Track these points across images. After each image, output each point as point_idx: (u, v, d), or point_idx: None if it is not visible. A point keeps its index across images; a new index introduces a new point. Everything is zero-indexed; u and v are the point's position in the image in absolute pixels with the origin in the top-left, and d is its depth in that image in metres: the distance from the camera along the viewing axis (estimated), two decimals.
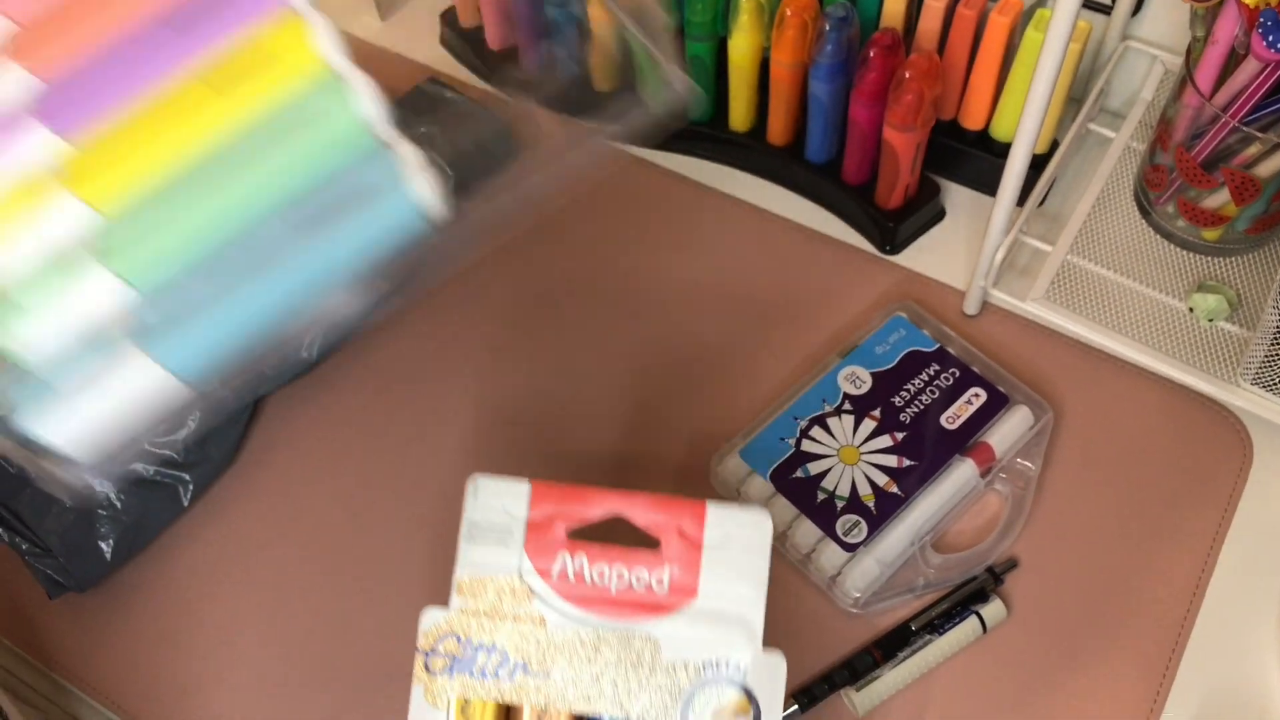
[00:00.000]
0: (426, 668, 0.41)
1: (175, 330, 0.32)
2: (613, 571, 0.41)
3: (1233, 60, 0.55)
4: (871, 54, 0.59)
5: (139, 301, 0.32)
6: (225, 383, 0.33)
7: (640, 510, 0.41)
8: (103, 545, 0.55)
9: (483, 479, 0.42)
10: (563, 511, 0.41)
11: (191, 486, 0.58)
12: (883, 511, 0.54)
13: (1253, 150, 0.55)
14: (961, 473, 0.55)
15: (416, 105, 0.68)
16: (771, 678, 0.40)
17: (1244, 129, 0.54)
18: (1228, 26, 0.53)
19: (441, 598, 0.43)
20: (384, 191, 0.33)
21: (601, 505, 0.41)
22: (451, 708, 0.41)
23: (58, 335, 0.32)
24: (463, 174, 0.66)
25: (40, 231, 0.33)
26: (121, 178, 0.34)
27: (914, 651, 0.52)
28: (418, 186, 0.34)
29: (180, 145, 0.34)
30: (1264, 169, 0.55)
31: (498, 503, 0.42)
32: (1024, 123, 0.52)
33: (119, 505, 0.55)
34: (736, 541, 0.41)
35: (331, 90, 0.34)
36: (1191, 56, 0.56)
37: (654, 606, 0.41)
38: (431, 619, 0.42)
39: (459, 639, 0.41)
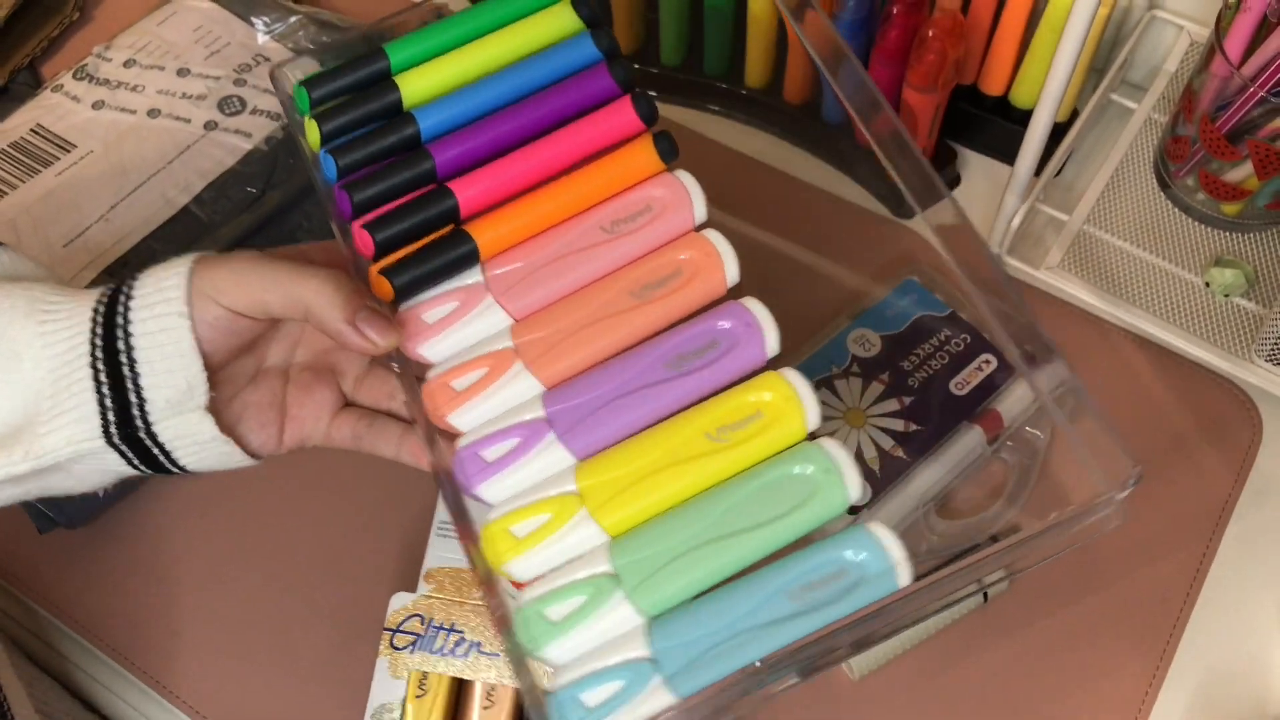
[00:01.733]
0: (392, 644, 0.47)
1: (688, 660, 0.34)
2: None
3: (1263, 29, 0.54)
4: (895, 11, 0.58)
5: (649, 630, 0.35)
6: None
7: None
8: None
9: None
10: None
11: None
12: (887, 476, 0.54)
13: (1279, 122, 0.54)
14: (968, 440, 0.55)
15: None
16: None
17: (1272, 100, 0.53)
18: None
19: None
20: (865, 574, 0.36)
21: None
22: (410, 680, 0.47)
23: (584, 654, 0.35)
24: None
25: (565, 546, 0.36)
26: (629, 508, 0.36)
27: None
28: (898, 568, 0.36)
29: (677, 487, 0.36)
30: None
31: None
32: (1047, 89, 0.51)
33: None
34: None
35: (826, 471, 0.37)
36: (1221, 24, 0.55)
37: None
38: (400, 601, 0.48)
39: (422, 619, 0.48)
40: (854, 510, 0.53)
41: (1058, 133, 0.62)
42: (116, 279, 0.56)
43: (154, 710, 0.53)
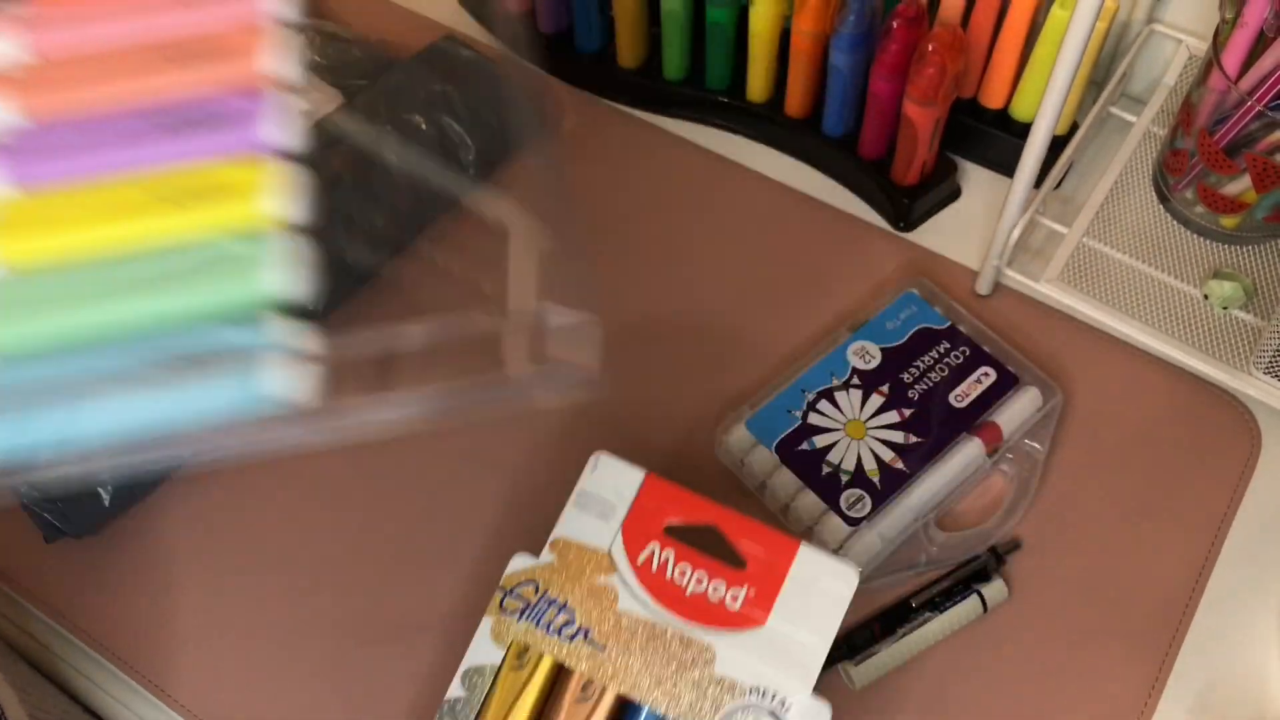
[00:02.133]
0: (501, 606, 0.44)
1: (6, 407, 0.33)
2: (694, 574, 0.43)
3: (1261, 44, 0.54)
4: (894, 25, 0.58)
5: None
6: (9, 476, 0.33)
7: (736, 528, 0.43)
8: (102, 492, 0.55)
9: (605, 457, 0.45)
10: (666, 507, 0.44)
11: None
12: (887, 487, 0.54)
13: (1277, 136, 0.54)
14: (968, 451, 0.55)
15: (432, 62, 0.67)
16: None
17: (1269, 114, 0.54)
18: (1258, 8, 0.53)
19: (449, 552, 0.43)
20: (248, 364, 0.34)
21: (704, 514, 0.44)
22: (511, 649, 0.43)
23: None
24: (481, 143, 0.65)
25: None
26: (40, 245, 0.35)
27: (913, 628, 0.52)
28: (279, 375, 0.34)
29: (103, 232, 0.35)
30: None
31: (611, 482, 0.45)
32: (1046, 103, 0.51)
33: None
34: (819, 586, 0.42)
35: (256, 248, 0.35)
36: (1219, 39, 0.55)
37: (721, 619, 0.42)
38: (519, 563, 0.44)
39: (537, 588, 0.44)
40: (853, 522, 0.53)
41: (1057, 146, 0.63)
42: None
43: (156, 717, 0.53)
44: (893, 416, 0.56)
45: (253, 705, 0.52)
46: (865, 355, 0.58)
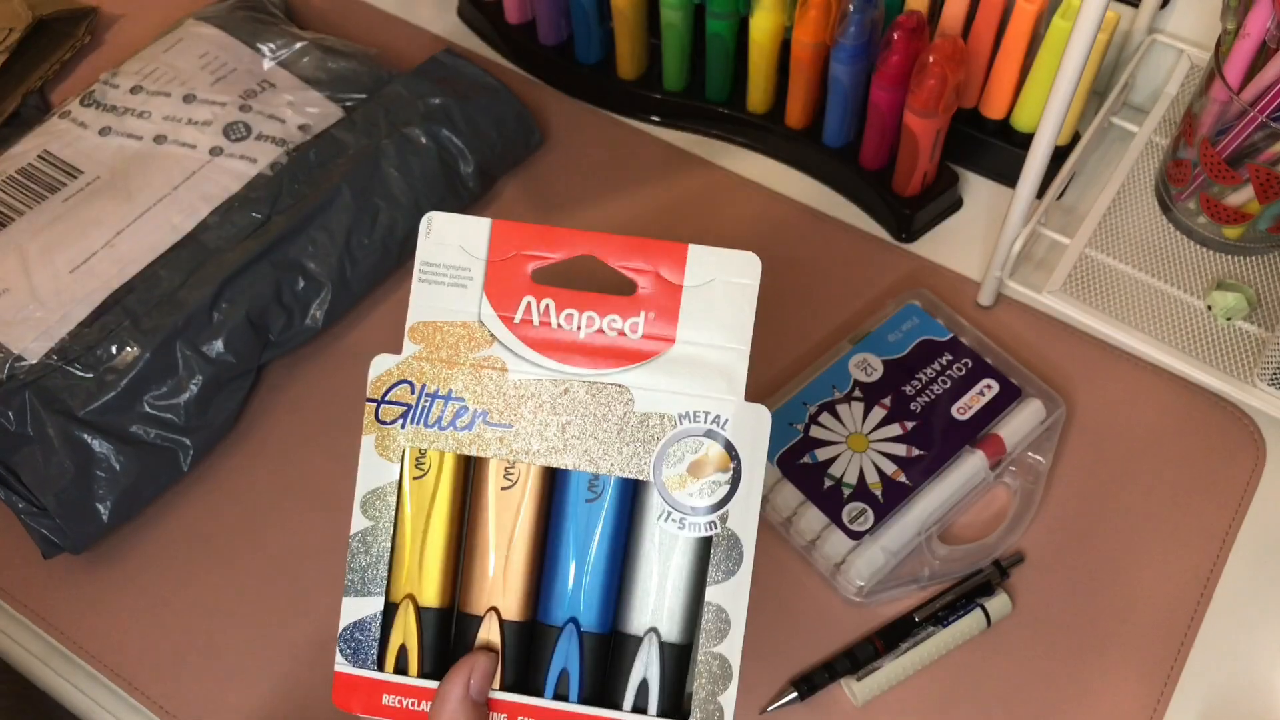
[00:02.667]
0: (377, 418, 0.39)
1: None
2: (582, 317, 0.38)
3: (1263, 54, 0.54)
4: (895, 36, 0.58)
5: None
6: None
7: (615, 251, 0.38)
8: (100, 507, 0.55)
9: (438, 215, 0.39)
10: (528, 253, 0.38)
11: (192, 451, 0.57)
12: (890, 500, 0.54)
13: (1279, 147, 0.54)
14: (971, 464, 0.55)
15: (431, 76, 0.67)
16: (754, 431, 0.37)
17: (1271, 124, 0.53)
18: (1260, 19, 0.52)
19: None
20: None
21: (571, 245, 0.38)
22: (406, 459, 0.38)
23: None
24: (480, 156, 0.65)
25: None
26: None
27: (916, 643, 0.52)
28: None
29: None
30: None
31: (454, 241, 0.38)
32: (1047, 113, 0.51)
33: (118, 467, 0.55)
34: (720, 285, 0.37)
35: None
36: (1221, 49, 0.55)
37: (627, 355, 0.38)
38: (382, 365, 0.39)
39: (412, 386, 0.38)
40: (855, 536, 0.53)
41: (1059, 156, 0.63)
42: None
43: None
44: (895, 429, 0.56)
45: None
46: (867, 367, 0.58)
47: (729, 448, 0.37)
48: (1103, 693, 0.51)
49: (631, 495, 0.38)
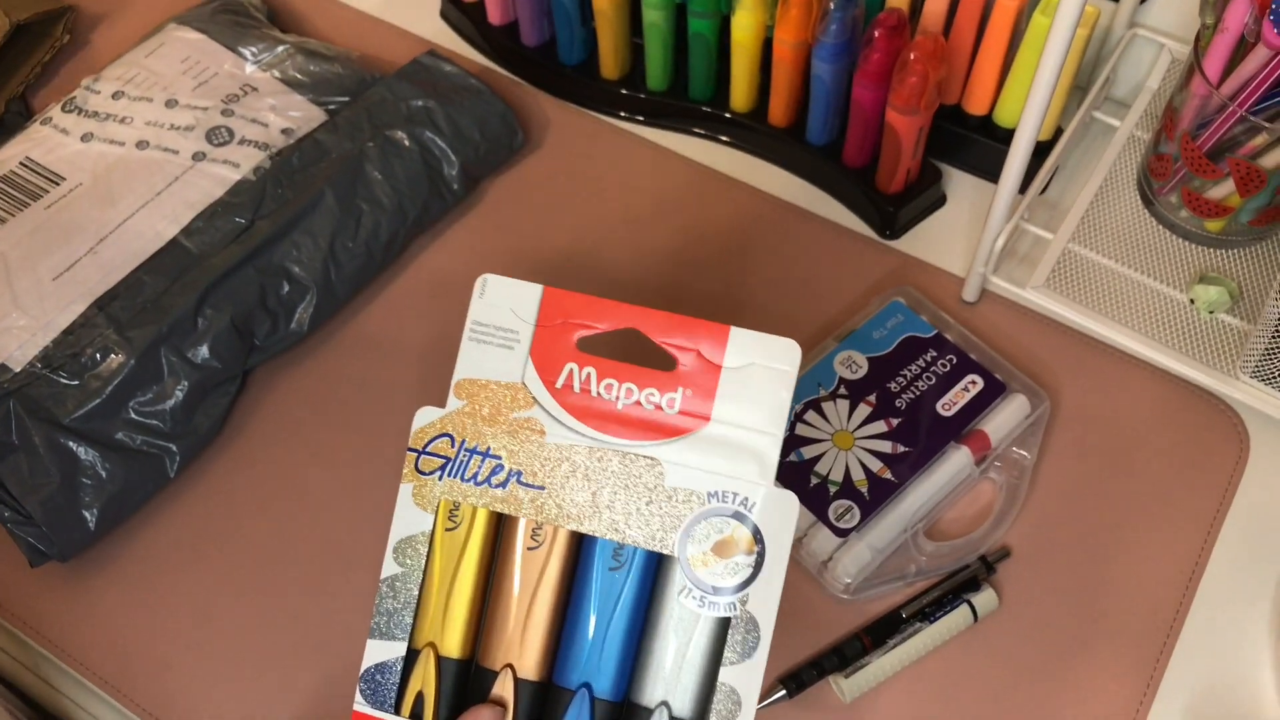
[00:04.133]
0: (417, 468, 0.40)
1: None
2: (621, 388, 0.39)
3: (1242, 48, 0.54)
4: (876, 34, 0.58)
5: None
6: None
7: (658, 327, 0.39)
8: (86, 514, 0.55)
9: (492, 278, 0.40)
10: (575, 321, 0.39)
11: (178, 457, 0.57)
12: (876, 497, 0.54)
13: (1259, 140, 0.54)
14: (956, 460, 0.55)
15: (414, 78, 0.67)
16: (782, 516, 0.37)
17: (1251, 119, 0.54)
18: (1238, 14, 0.53)
19: None
20: None
21: (617, 317, 0.39)
22: (440, 511, 0.39)
23: None
24: (464, 158, 0.65)
25: None
26: None
27: (904, 639, 0.52)
28: None
29: None
30: (1270, 160, 0.55)
31: (505, 304, 0.40)
32: (1029, 109, 0.51)
33: (104, 475, 0.55)
34: (760, 369, 0.38)
35: None
36: (1200, 44, 0.55)
37: (662, 429, 0.38)
38: (426, 417, 0.40)
39: (453, 440, 0.39)
40: (841, 533, 0.53)
41: (1041, 151, 0.63)
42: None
43: None
44: (880, 426, 0.56)
45: None
46: (852, 365, 0.58)
47: (755, 531, 0.38)
48: (1090, 685, 0.51)
49: (655, 568, 0.39)
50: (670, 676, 0.38)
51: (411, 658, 0.39)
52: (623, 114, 0.72)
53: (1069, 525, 0.55)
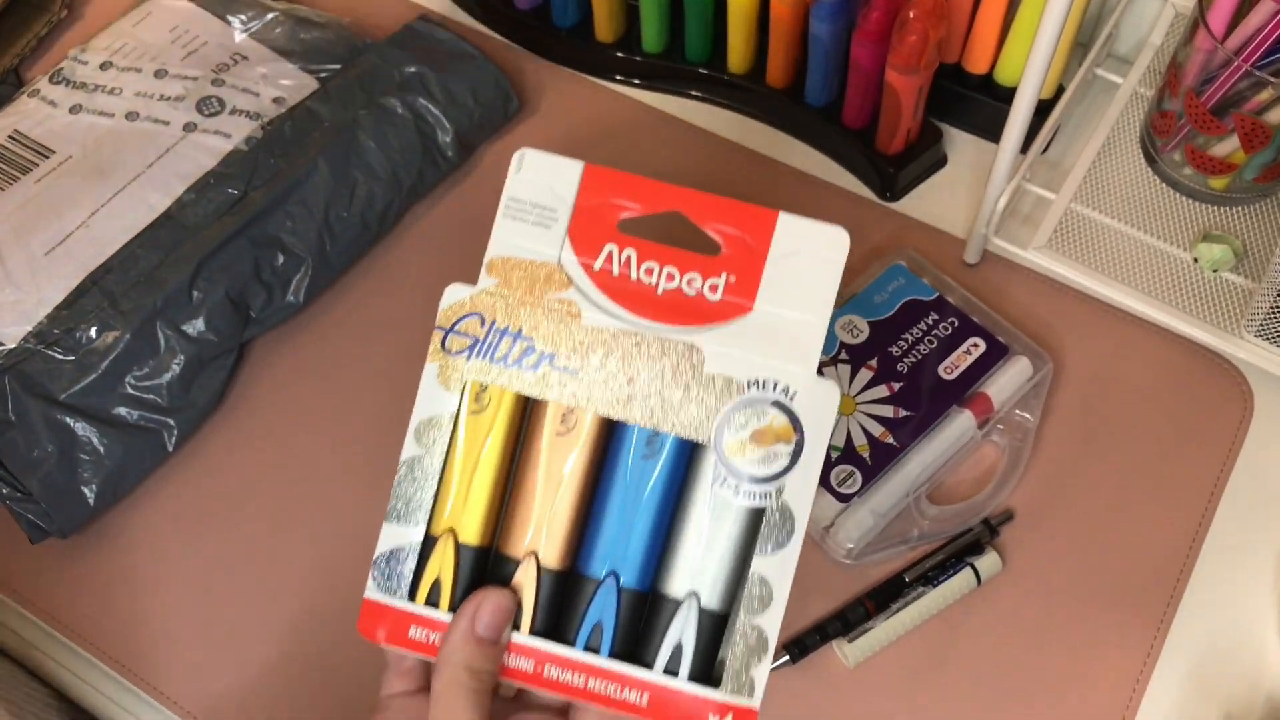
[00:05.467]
0: (444, 346, 0.38)
1: None
2: (663, 272, 0.37)
3: (1247, 2, 0.53)
4: None
5: None
6: None
7: (703, 210, 0.37)
8: (85, 490, 0.54)
9: (530, 152, 0.38)
10: (615, 202, 0.38)
11: (176, 432, 0.57)
12: (878, 462, 0.54)
13: (1265, 95, 0.54)
14: (959, 424, 0.55)
15: (406, 44, 0.66)
16: (823, 407, 0.36)
17: (1256, 73, 0.53)
18: None
19: None
20: None
21: (660, 199, 0.38)
22: (467, 392, 0.38)
23: None
24: (458, 125, 0.64)
25: None
26: None
27: (907, 603, 0.52)
28: None
29: None
30: (1275, 115, 0.54)
31: (545, 181, 0.38)
32: (1030, 67, 0.50)
33: (102, 450, 0.55)
34: (806, 257, 0.37)
35: None
36: None
37: (703, 314, 0.37)
38: (454, 295, 0.38)
39: (482, 320, 0.38)
40: (844, 498, 0.53)
41: (1043, 110, 0.62)
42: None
43: (148, 713, 0.53)
44: (882, 391, 0.56)
45: (244, 699, 0.52)
46: (853, 329, 0.58)
47: (794, 420, 0.36)
48: (1094, 647, 0.51)
49: (688, 457, 0.38)
50: (700, 567, 0.37)
51: (429, 544, 0.38)
52: (618, 77, 0.71)
53: (1072, 487, 0.55)
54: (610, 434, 0.38)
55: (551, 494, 0.38)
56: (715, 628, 0.37)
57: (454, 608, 0.38)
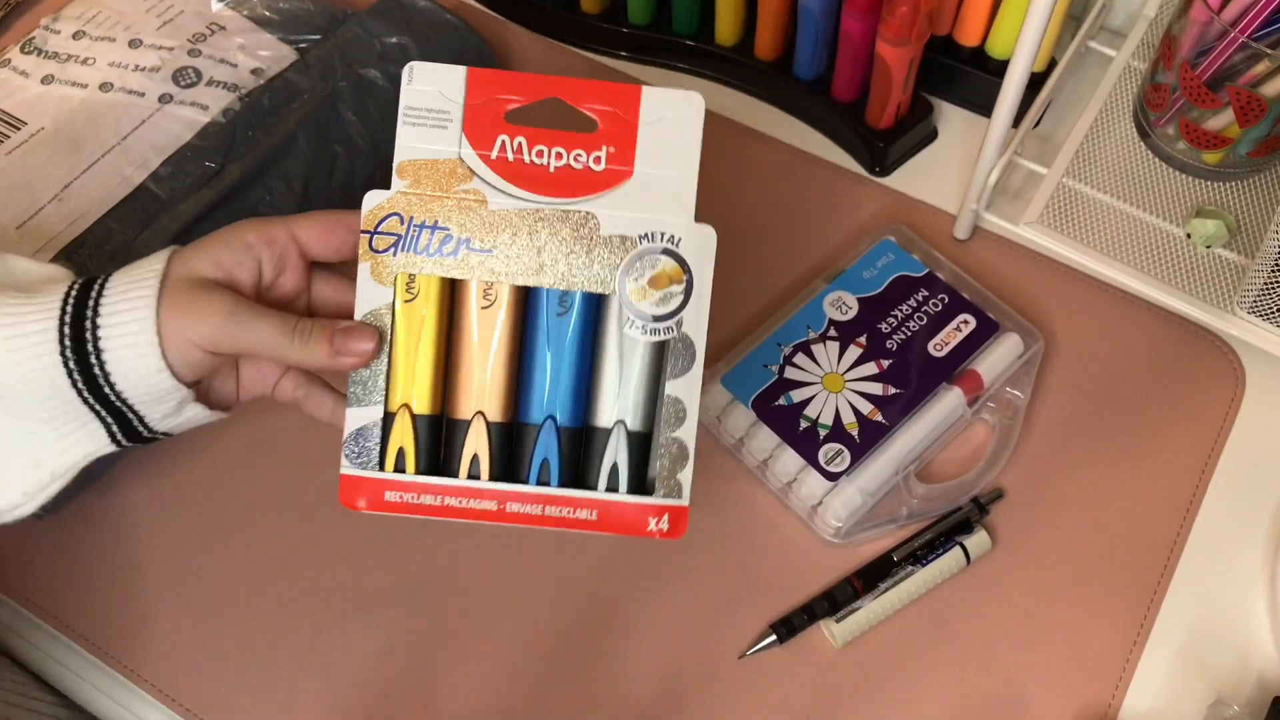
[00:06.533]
0: (372, 247, 0.43)
1: None
2: (551, 153, 0.42)
3: None
4: None
5: None
6: None
7: (577, 94, 0.42)
8: None
9: (418, 65, 0.43)
10: (500, 97, 0.42)
11: None
12: (866, 440, 0.53)
13: (1260, 68, 0.53)
14: (948, 401, 0.54)
15: (387, 14, 0.64)
16: (703, 248, 0.42)
17: (1252, 45, 0.52)
18: None
19: (408, 537, 0.42)
20: None
21: (538, 89, 0.42)
22: (398, 283, 0.43)
23: None
24: None
25: None
26: None
27: (896, 583, 0.51)
28: None
29: None
30: (1271, 88, 0.53)
31: (434, 89, 0.42)
32: (1023, 38, 0.49)
33: None
34: (670, 122, 0.42)
35: None
36: None
37: (592, 185, 0.42)
38: (373, 200, 0.43)
39: (402, 218, 0.43)
40: (832, 477, 0.52)
41: (1035, 83, 0.61)
42: (73, 263, 0.55)
43: (126, 697, 0.52)
44: (871, 368, 0.55)
45: (223, 681, 0.51)
46: (842, 306, 0.57)
47: (683, 263, 0.42)
48: (1084, 626, 0.51)
49: (596, 309, 0.43)
50: (622, 398, 0.43)
51: (388, 419, 0.43)
52: (604, 49, 0.69)
53: (1063, 465, 0.55)
54: (527, 300, 0.43)
55: (485, 359, 0.43)
56: (643, 447, 0.43)
57: (420, 471, 0.43)
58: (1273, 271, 0.53)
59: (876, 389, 0.54)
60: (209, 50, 0.63)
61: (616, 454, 0.43)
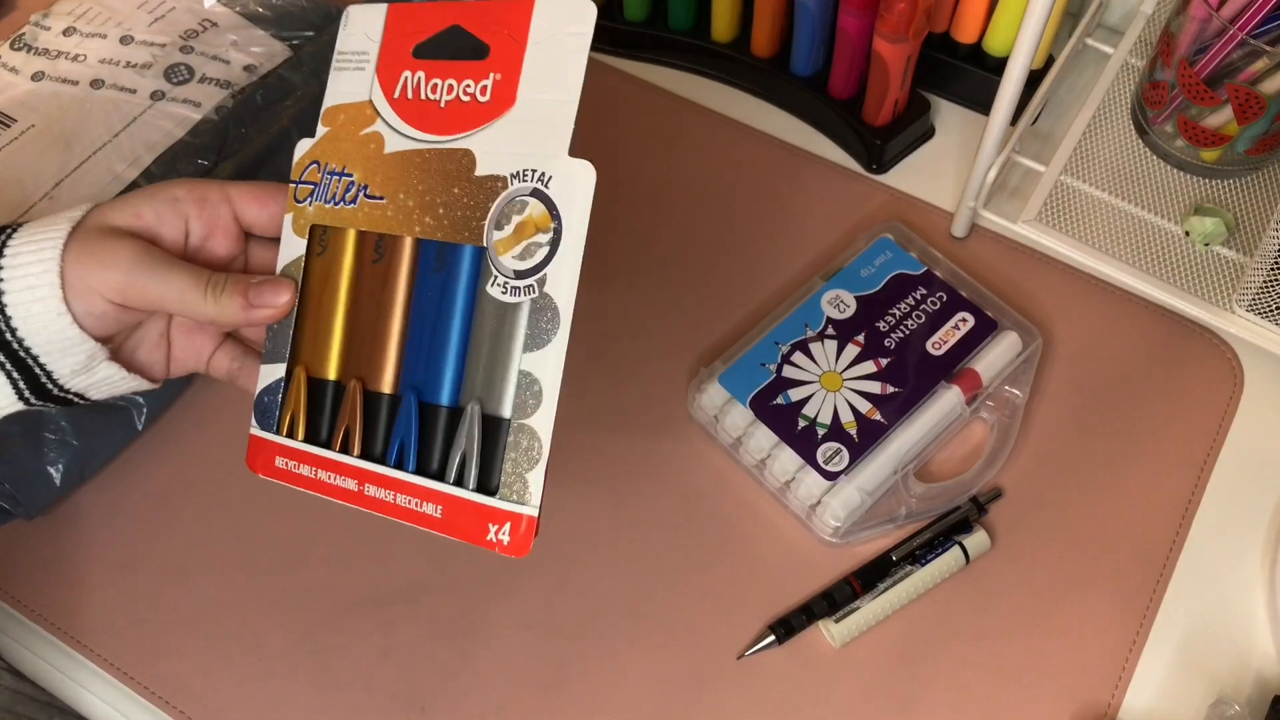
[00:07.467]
0: (295, 197, 0.40)
1: None
2: (444, 85, 0.38)
3: None
4: None
5: None
6: None
7: (473, 18, 0.38)
8: (51, 470, 0.53)
9: (354, 8, 0.40)
10: (413, 31, 0.39)
11: (146, 409, 0.55)
12: (865, 439, 0.53)
13: (1259, 65, 0.53)
14: (946, 400, 0.54)
15: None
16: (577, 188, 0.35)
17: (1252, 42, 0.52)
18: None
19: (404, 536, 0.42)
20: None
21: (440, 18, 0.39)
22: (311, 237, 0.40)
23: None
24: None
25: None
26: None
27: (895, 582, 0.51)
28: None
29: None
30: (1270, 85, 0.53)
31: (361, 29, 0.40)
32: (1022, 36, 0.49)
33: (68, 429, 0.53)
34: (559, 39, 0.37)
35: None
36: None
37: (476, 118, 0.38)
38: (301, 148, 0.41)
39: (319, 166, 0.40)
40: (830, 476, 0.52)
41: (1033, 80, 0.61)
42: None
43: (118, 699, 0.52)
44: (869, 366, 0.55)
45: (215, 682, 0.51)
46: (840, 304, 0.56)
47: (551, 206, 0.36)
48: (1084, 626, 0.51)
49: (474, 265, 0.37)
50: (484, 374, 0.36)
51: (288, 381, 0.40)
52: (600, 46, 0.69)
53: (1062, 464, 0.54)
54: (417, 255, 0.39)
55: (372, 322, 0.39)
56: (498, 435, 0.36)
57: (308, 439, 0.40)
58: (1271, 269, 0.53)
59: (875, 388, 0.54)
60: (201, 47, 0.63)
61: (467, 442, 0.36)
